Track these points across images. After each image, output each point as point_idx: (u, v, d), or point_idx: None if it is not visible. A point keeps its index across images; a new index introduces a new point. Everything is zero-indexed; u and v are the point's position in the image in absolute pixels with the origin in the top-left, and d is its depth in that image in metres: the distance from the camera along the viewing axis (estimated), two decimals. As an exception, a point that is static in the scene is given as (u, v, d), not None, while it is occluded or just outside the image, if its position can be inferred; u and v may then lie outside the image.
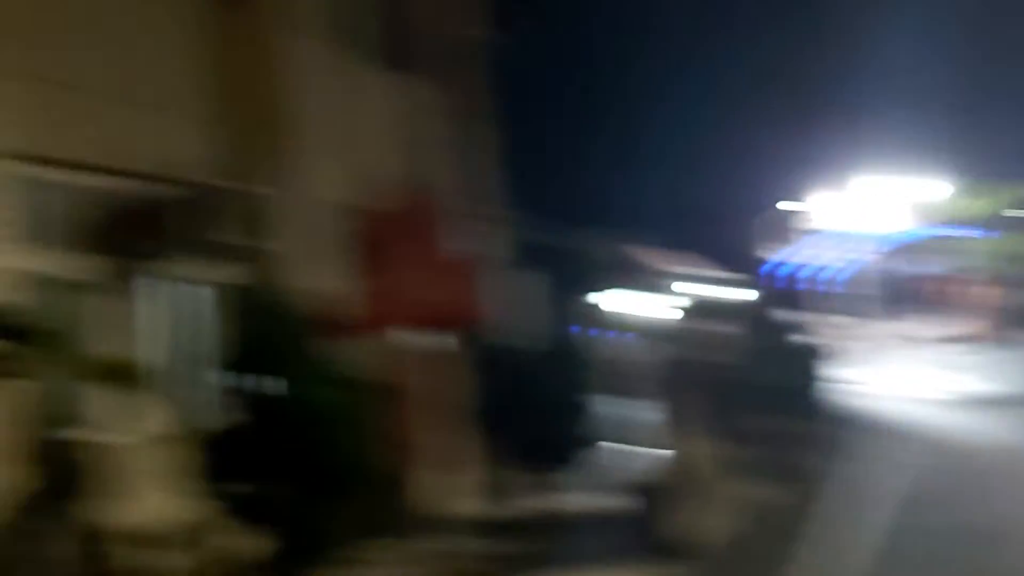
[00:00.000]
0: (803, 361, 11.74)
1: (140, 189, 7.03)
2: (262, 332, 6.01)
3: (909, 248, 33.79)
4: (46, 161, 6.51)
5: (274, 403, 5.71)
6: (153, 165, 7.04)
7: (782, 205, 33.87)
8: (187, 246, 7.15)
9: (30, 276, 6.27)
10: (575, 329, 13.43)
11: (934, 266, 33.42)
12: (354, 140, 8.92)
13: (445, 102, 10.80)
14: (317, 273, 7.81)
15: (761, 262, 32.66)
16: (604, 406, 9.55)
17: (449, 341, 8.96)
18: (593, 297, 16.79)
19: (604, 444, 9.37)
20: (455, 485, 8.37)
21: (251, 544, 5.64)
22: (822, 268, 33.77)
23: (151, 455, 5.96)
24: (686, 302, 18.96)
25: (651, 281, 20.47)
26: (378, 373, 7.01)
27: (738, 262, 27.42)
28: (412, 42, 10.67)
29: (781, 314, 13.96)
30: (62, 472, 5.45)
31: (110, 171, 6.96)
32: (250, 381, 5.76)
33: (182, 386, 6.93)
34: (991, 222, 31.49)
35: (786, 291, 30.38)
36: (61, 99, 6.46)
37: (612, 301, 17.67)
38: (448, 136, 10.73)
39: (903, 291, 32.58)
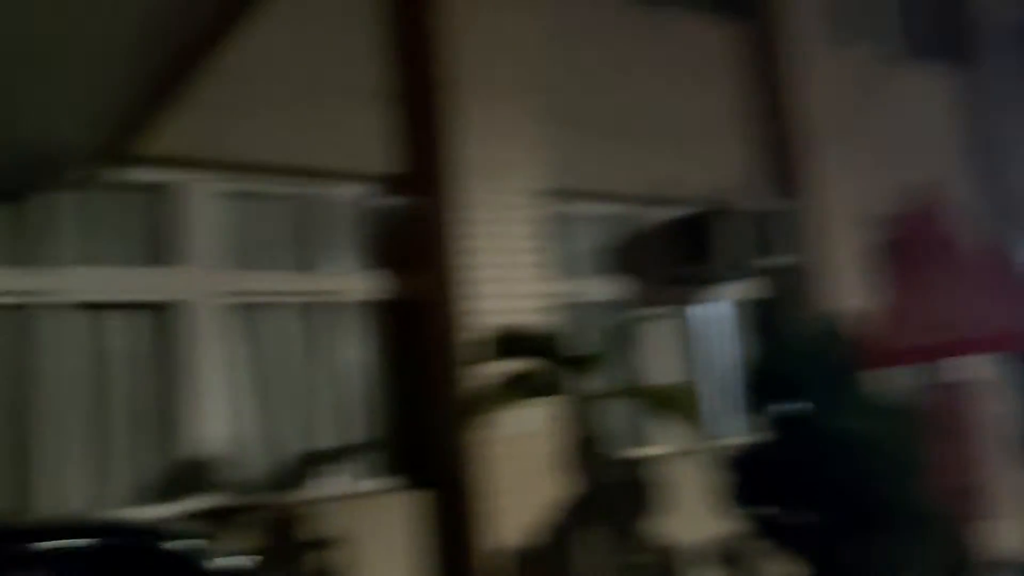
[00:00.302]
0: None
1: (671, 214, 7.31)
2: (793, 352, 5.90)
3: None
4: (580, 195, 7.06)
5: (805, 427, 5.54)
6: (683, 191, 7.29)
7: None
8: (720, 266, 7.26)
9: (569, 302, 6.81)
10: None
11: None
12: (884, 143, 8.50)
13: (986, 93, 9.88)
14: (849, 291, 7.51)
15: None
16: None
17: (998, 366, 8.12)
18: None
19: None
20: (1011, 527, 7.48)
21: (784, 570, 5.51)
22: None
23: (689, 472, 6.08)
24: None
25: None
26: (922, 403, 6.52)
27: None
28: (945, 31, 9.94)
29: None
30: (606, 486, 5.75)
31: (642, 200, 7.35)
32: (779, 402, 5.66)
33: (713, 405, 7.01)
34: None
35: None
36: (586, 138, 6.99)
37: None
38: (989, 130, 9.79)
39: None
